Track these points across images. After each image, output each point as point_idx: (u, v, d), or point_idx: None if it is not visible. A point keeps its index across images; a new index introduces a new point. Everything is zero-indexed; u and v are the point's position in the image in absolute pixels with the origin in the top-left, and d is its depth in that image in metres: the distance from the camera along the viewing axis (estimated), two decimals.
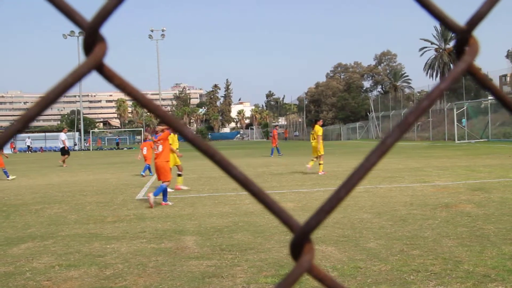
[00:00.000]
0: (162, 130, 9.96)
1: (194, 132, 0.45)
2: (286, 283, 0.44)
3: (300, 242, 0.45)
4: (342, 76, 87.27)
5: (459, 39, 0.47)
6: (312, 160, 15.46)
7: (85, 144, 64.42)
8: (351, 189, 0.45)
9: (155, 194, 9.38)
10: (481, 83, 0.49)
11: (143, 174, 16.61)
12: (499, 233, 6.15)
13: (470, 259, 5.01)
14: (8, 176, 16.87)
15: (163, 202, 9.51)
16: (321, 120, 16.08)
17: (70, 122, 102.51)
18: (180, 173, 12.33)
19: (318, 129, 15.39)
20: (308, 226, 0.45)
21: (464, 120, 41.24)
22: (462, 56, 0.48)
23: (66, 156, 24.62)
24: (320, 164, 15.22)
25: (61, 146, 25.02)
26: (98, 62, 0.42)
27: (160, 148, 9.78)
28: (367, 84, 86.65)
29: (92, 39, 0.42)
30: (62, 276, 4.97)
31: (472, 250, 5.36)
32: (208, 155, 0.45)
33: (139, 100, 0.44)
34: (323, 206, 0.45)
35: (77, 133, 66.16)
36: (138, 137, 73.66)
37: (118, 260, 5.53)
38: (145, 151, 17.21)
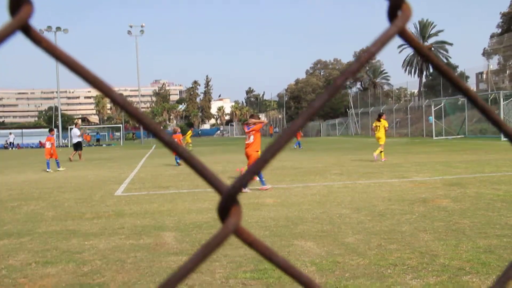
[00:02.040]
0: (254, 123, 10.97)
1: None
2: (212, 245, 0.45)
3: (227, 205, 0.46)
4: (321, 73, 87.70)
5: (392, 4, 0.47)
6: (380, 150, 17.57)
7: (63, 140, 63.61)
8: (277, 152, 0.45)
9: (263, 184, 10.53)
10: (415, 49, 0.49)
11: (179, 162, 18.37)
12: (474, 227, 6.25)
13: (446, 253, 5.09)
14: None
15: (264, 187, 10.46)
16: (384, 115, 19.29)
17: (48, 119, 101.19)
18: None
19: (385, 122, 18.47)
20: (234, 189, 0.45)
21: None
22: (394, 21, 0.47)
23: (80, 151, 25.31)
24: (381, 152, 17.51)
25: (76, 141, 25.63)
26: (23, 23, 0.41)
27: (252, 138, 10.83)
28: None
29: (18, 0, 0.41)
30: (38, 273, 4.91)
31: (448, 244, 5.44)
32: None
33: (72, 68, 0.43)
34: (250, 169, 0.45)
35: (54, 130, 65.36)
36: (117, 133, 73.02)
37: (96, 256, 5.48)
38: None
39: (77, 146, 25.54)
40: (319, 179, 12.28)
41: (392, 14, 0.47)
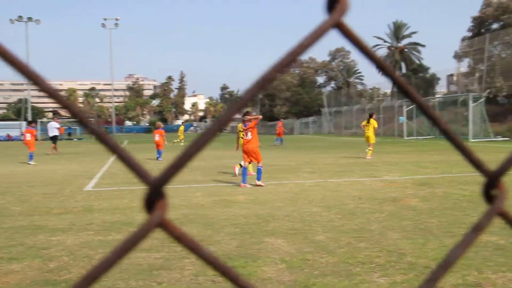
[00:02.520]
0: (250, 120, 11.23)
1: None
2: (137, 237, 0.44)
3: (153, 197, 0.45)
4: (296, 71, 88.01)
5: None
6: (369, 150, 18.45)
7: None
8: (203, 146, 0.45)
9: (259, 179, 10.77)
10: (353, 43, 0.49)
11: (161, 159, 18.96)
12: (441, 226, 6.37)
13: (413, 251, 5.17)
14: None
15: (259, 182, 10.72)
16: (374, 115, 20.23)
17: (17, 111, 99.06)
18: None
19: (374, 122, 19.23)
20: (159, 181, 0.45)
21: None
22: (330, 14, 0.47)
23: (54, 144, 25.24)
24: (369, 150, 18.36)
25: (53, 134, 25.68)
26: None
27: (250, 135, 11.05)
28: (320, 79, 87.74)
29: None
30: (3, 269, 4.81)
31: (416, 243, 5.53)
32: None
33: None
34: (175, 162, 0.45)
35: (24, 123, 64.04)
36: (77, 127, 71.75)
37: (64, 252, 5.39)
38: (157, 137, 19.45)
39: (54, 139, 25.63)
40: (292, 177, 12.34)
41: (330, 6, 0.47)
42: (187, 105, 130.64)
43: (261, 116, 12.27)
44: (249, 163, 12.31)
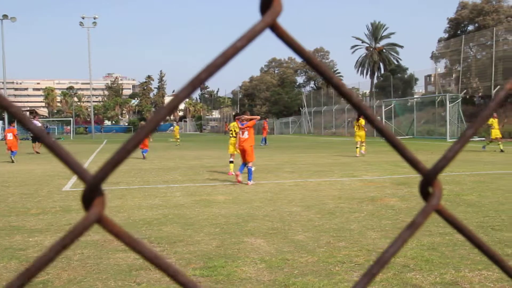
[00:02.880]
0: (248, 120, 11.50)
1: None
2: (74, 234, 0.44)
3: (90, 194, 0.46)
4: (276, 71, 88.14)
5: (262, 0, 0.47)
6: (362, 146, 19.92)
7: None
8: (139, 142, 0.45)
9: (250, 179, 10.96)
10: (287, 44, 0.49)
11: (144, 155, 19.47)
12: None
13: None
14: None
15: (249, 182, 10.87)
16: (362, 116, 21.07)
17: None
18: (232, 160, 13.39)
19: (363, 121, 20.09)
20: (96, 179, 0.45)
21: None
22: (264, 15, 0.47)
23: (40, 144, 24.72)
24: (362, 146, 19.84)
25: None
26: None
27: (246, 134, 11.26)
28: (300, 79, 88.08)
29: None
30: None
31: None
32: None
33: None
34: (111, 159, 0.45)
35: (0, 122, 62.96)
36: (68, 127, 71.09)
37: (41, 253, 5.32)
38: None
39: (36, 139, 25.09)
40: (271, 177, 12.36)
41: (264, 8, 0.47)
42: None
43: (259, 117, 12.61)
44: (231, 162, 13.06)
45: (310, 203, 8.28)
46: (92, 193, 0.45)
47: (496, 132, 21.07)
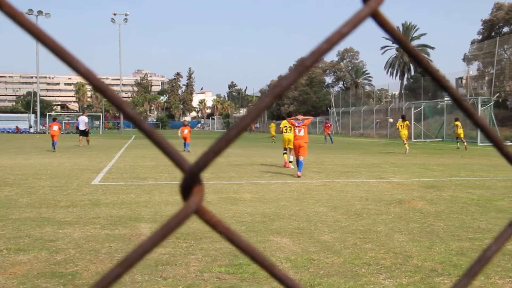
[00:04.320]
0: (303, 119, 13.02)
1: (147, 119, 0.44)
2: (173, 224, 0.44)
3: (189, 183, 0.45)
4: None
5: None
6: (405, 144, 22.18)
7: (41, 126, 62.62)
8: (242, 130, 0.44)
9: (300, 170, 12.22)
10: (388, 33, 0.48)
11: (187, 150, 22.23)
12: (448, 229, 6.34)
13: (419, 254, 5.16)
14: None
15: (298, 173, 12.15)
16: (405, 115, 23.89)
17: (26, 104, 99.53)
18: (285, 152, 15.07)
19: (407, 122, 22.47)
20: (196, 167, 0.44)
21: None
22: (367, 2, 0.46)
23: (87, 137, 27.48)
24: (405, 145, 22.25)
25: (83, 128, 27.37)
26: None
27: (302, 132, 12.67)
28: (329, 79, 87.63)
29: None
30: (10, 260, 4.84)
31: (422, 246, 5.51)
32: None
33: (38, 37, 0.41)
34: (213, 147, 0.44)
35: (32, 115, 64.32)
36: (97, 122, 72.15)
37: (70, 245, 5.42)
38: (186, 131, 23.10)
39: (84, 132, 27.28)
40: (298, 177, 12.32)
41: None
42: (195, 102, 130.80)
43: (313, 118, 13.91)
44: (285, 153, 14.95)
45: (336, 204, 8.23)
46: (191, 182, 0.44)
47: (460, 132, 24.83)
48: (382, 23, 0.47)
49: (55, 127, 23.60)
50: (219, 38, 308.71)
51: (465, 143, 25.24)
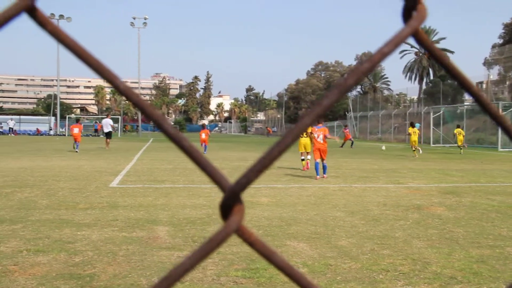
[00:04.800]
0: (323, 125, 13.72)
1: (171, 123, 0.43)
2: (213, 244, 0.43)
3: (230, 202, 0.44)
4: (322, 74, 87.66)
5: (407, 4, 0.46)
6: (416, 149, 23.42)
7: (61, 129, 63.36)
8: (284, 149, 0.44)
9: (325, 172, 13.11)
10: (428, 50, 0.48)
11: (205, 152, 22.65)
12: (467, 236, 6.26)
13: (438, 261, 5.09)
14: None
15: (325, 175, 12.99)
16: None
17: (47, 106, 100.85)
18: (303, 158, 15.63)
19: (417, 129, 24.06)
20: (238, 186, 0.44)
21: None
22: (408, 21, 0.46)
23: (109, 140, 27.71)
24: (415, 150, 23.33)
25: (108, 130, 27.91)
26: (29, 4, 0.40)
27: (321, 138, 13.24)
28: None
29: None
30: (29, 261, 4.90)
31: (441, 252, 5.44)
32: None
33: (75, 52, 0.42)
34: (255, 166, 0.44)
35: (52, 118, 65.11)
36: (116, 125, 72.78)
37: (88, 247, 5.46)
38: (203, 135, 23.73)
39: (108, 135, 27.77)
40: (315, 181, 12.28)
41: (407, 14, 0.46)
42: (213, 106, 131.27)
43: (328, 130, 14.05)
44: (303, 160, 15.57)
45: (354, 209, 8.17)
46: (232, 201, 0.44)
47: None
48: (422, 41, 0.47)
49: (76, 130, 24.34)
50: (237, 42, 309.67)
51: (463, 148, 27.33)
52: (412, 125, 24.36)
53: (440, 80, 58.06)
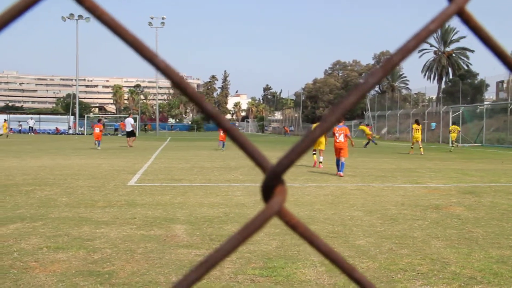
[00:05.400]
0: (343, 125, 14.25)
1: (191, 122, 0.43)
2: (254, 225, 0.43)
3: (272, 183, 0.43)
4: (340, 74, 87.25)
5: None
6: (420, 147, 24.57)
7: (80, 128, 64.01)
8: (326, 129, 0.43)
9: (342, 171, 13.40)
10: (473, 31, 0.47)
11: (223, 148, 24.90)
12: (487, 236, 6.18)
13: (457, 261, 5.04)
14: None
15: (341, 173, 13.31)
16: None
17: (66, 106, 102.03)
18: (314, 152, 16.45)
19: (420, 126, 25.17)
20: (280, 166, 0.43)
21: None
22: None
23: (134, 138, 28.71)
24: (420, 148, 24.64)
25: (129, 129, 28.63)
26: None
27: (342, 137, 13.79)
28: None
29: None
30: (49, 258, 4.96)
31: (460, 252, 5.38)
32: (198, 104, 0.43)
33: (114, 29, 0.42)
34: (296, 147, 0.43)
35: (71, 117, 65.85)
36: (135, 123, 73.25)
37: (107, 245, 5.52)
38: (222, 133, 26.46)
39: (131, 134, 28.42)
40: (332, 180, 12.23)
41: None
42: (230, 105, 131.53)
43: (348, 130, 14.49)
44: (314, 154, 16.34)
45: (372, 208, 8.13)
46: (273, 182, 0.43)
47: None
48: (467, 20, 0.46)
49: (97, 129, 26.05)
50: (255, 41, 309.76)
51: (455, 145, 29.13)
52: (417, 122, 25.54)
53: (460, 79, 57.36)
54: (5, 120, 48.00)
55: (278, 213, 0.43)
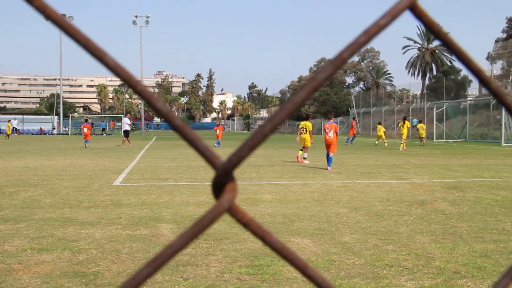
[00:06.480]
0: (333, 122, 15.00)
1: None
2: (205, 222, 0.42)
3: (222, 180, 0.43)
4: None
5: None
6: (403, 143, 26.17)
7: (64, 128, 63.44)
8: (276, 124, 0.43)
9: (329, 165, 14.29)
10: (426, 26, 0.47)
11: (216, 145, 26.52)
12: (471, 231, 6.25)
13: (442, 256, 5.08)
14: None
15: (328, 167, 14.20)
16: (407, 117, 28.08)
17: (50, 106, 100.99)
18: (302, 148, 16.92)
19: (408, 123, 27.33)
20: (230, 163, 0.42)
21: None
22: None
23: (128, 138, 28.80)
24: (403, 143, 26.43)
25: (125, 129, 29.29)
26: None
27: (332, 133, 14.51)
28: (349, 80, 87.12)
29: None
30: (33, 259, 4.91)
31: (444, 247, 5.44)
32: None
33: (65, 30, 0.41)
34: (247, 142, 0.43)
35: (56, 117, 65.22)
36: (118, 123, 72.83)
37: (92, 245, 5.48)
38: (218, 131, 27.95)
39: (126, 133, 28.85)
40: (318, 177, 12.27)
41: None
42: (215, 103, 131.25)
43: (337, 126, 15.27)
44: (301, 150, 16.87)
45: (357, 205, 8.17)
46: (224, 179, 0.42)
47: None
48: (420, 16, 0.46)
49: (85, 129, 27.63)
50: (239, 39, 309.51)
51: (424, 141, 31.39)
52: (405, 120, 27.74)
53: (443, 75, 57.86)
54: None
55: (228, 210, 0.43)
